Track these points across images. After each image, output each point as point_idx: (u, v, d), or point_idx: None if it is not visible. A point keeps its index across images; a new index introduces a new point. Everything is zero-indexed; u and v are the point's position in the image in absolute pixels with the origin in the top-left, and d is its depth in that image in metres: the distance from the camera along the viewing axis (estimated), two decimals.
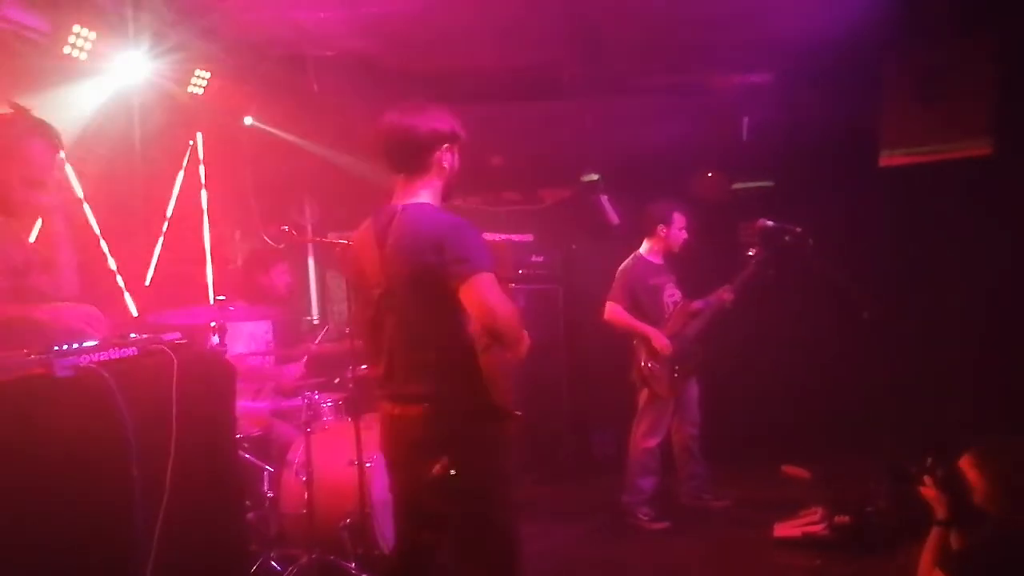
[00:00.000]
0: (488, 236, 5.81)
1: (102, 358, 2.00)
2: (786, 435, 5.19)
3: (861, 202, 5.01)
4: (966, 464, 2.47)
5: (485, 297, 2.12)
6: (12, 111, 2.59)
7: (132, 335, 2.24)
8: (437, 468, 2.18)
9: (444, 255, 2.14)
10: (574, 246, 6.18)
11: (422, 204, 2.30)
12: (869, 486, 4.11)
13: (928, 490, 2.53)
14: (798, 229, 4.29)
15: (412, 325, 2.23)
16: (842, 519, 3.91)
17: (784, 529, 4.06)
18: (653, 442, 4.50)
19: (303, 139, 5.43)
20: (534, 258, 5.84)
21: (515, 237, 5.73)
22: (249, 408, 3.91)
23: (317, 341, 4.25)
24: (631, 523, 4.47)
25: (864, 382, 4.83)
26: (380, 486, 3.25)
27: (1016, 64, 4.40)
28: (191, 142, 5.19)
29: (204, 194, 5.27)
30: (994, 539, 2.35)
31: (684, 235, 4.61)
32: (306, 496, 3.42)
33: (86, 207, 4.16)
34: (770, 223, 4.38)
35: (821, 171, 5.26)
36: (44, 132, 2.46)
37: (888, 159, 4.99)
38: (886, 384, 4.77)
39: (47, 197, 2.49)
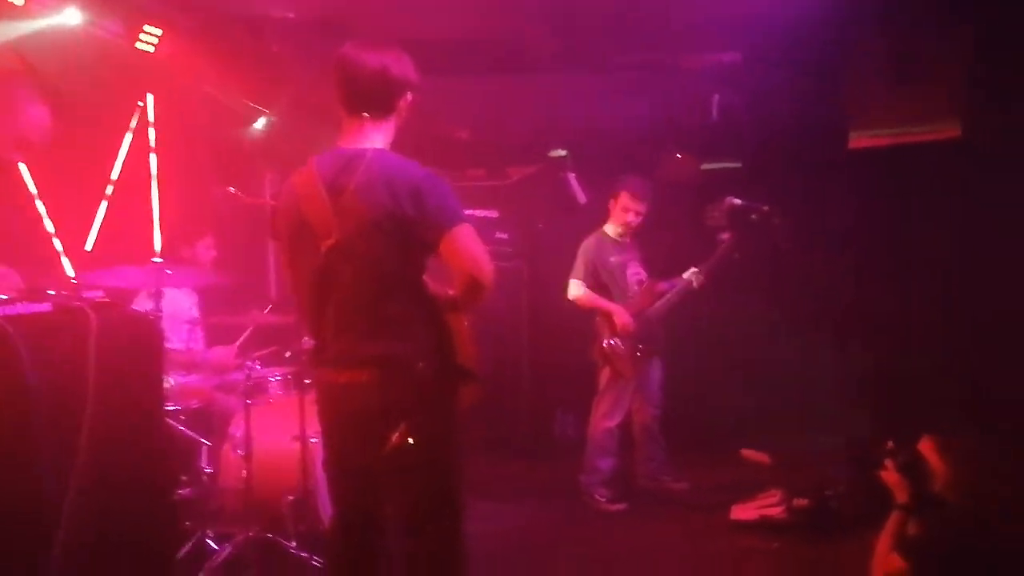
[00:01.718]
0: None
1: (7, 312, 1.83)
2: (747, 418, 5.16)
3: (830, 184, 4.96)
4: (927, 449, 2.42)
5: (470, 248, 2.02)
6: (12, 63, 2.40)
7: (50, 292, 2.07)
8: (395, 437, 2.03)
9: (423, 205, 2.01)
10: (540, 224, 6.07)
11: (386, 151, 2.16)
12: (828, 470, 4.09)
13: (889, 474, 2.47)
14: (765, 208, 4.25)
15: (374, 278, 2.06)
16: (800, 502, 3.87)
17: (742, 512, 4.01)
18: (613, 422, 4.42)
19: (262, 105, 5.22)
20: (498, 235, 5.72)
21: (479, 212, 5.59)
22: (188, 380, 3.74)
23: (267, 311, 4.07)
24: (587, 504, 4.39)
25: (828, 364, 4.79)
26: None
27: (986, 45, 4.35)
28: (140, 103, 4.99)
29: (153, 158, 5.06)
30: (952, 526, 2.30)
31: (635, 209, 4.44)
32: (244, 472, 3.26)
33: (22, 167, 3.95)
34: (737, 201, 4.33)
35: (790, 153, 5.21)
36: (40, 91, 2.28)
37: (857, 141, 4.94)
38: (850, 367, 4.74)
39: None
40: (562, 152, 5.48)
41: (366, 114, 2.15)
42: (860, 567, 2.48)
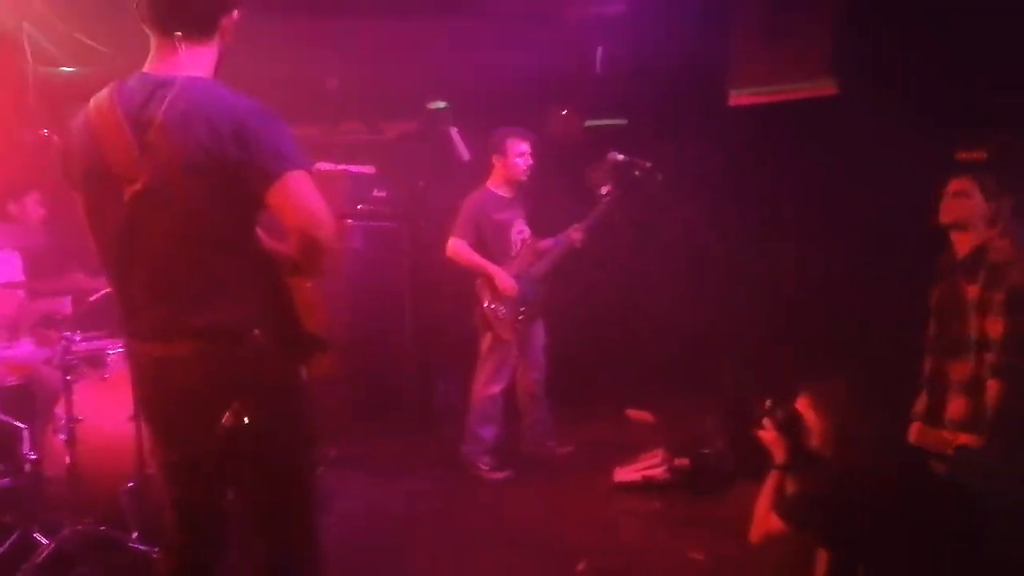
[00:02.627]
0: (322, 166, 5.34)
1: None
2: (630, 377, 5.13)
3: (711, 141, 4.92)
4: (803, 405, 2.37)
5: (304, 199, 1.67)
6: None
7: None
8: (227, 417, 1.73)
9: (250, 147, 1.66)
10: (421, 183, 5.76)
11: (207, 80, 1.80)
12: (706, 428, 4.08)
13: (767, 433, 2.41)
14: (648, 164, 4.16)
15: (193, 232, 1.72)
16: (681, 461, 3.86)
17: (624, 473, 3.97)
18: (496, 388, 4.26)
19: (97, 41, 4.61)
20: (376, 193, 5.38)
21: (353, 168, 5.24)
22: (5, 354, 3.26)
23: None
24: (471, 474, 4.23)
25: (709, 322, 4.80)
26: None
27: (858, 1, 4.38)
28: None
29: None
30: (829, 483, 2.26)
31: (525, 162, 4.30)
32: (68, 458, 2.88)
33: None
34: (620, 156, 4.21)
35: (674, 109, 5.13)
36: None
37: (736, 98, 4.92)
38: (730, 324, 4.75)
39: None
40: (442, 104, 5.17)
41: (179, 33, 1.78)
42: (739, 526, 2.43)
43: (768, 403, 2.46)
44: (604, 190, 4.26)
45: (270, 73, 5.24)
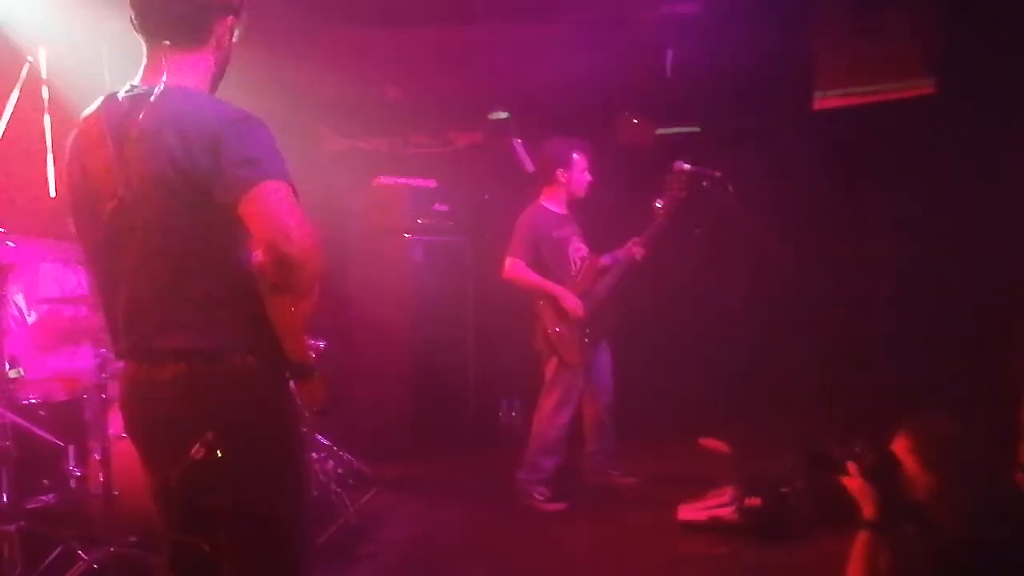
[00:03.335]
0: (382, 180, 5.26)
1: None
2: (702, 404, 4.76)
3: (794, 148, 4.54)
4: (901, 448, 1.92)
5: (276, 211, 1.53)
6: None
7: None
8: (197, 448, 1.61)
9: (222, 157, 1.54)
10: (486, 196, 5.61)
11: (188, 89, 1.68)
12: (786, 464, 3.69)
13: (854, 481, 1.97)
14: (717, 174, 3.86)
15: (168, 250, 1.63)
16: (753, 501, 3.48)
17: (689, 512, 3.63)
18: (564, 418, 4.01)
19: None
20: (437, 206, 5.25)
21: (413, 182, 5.13)
22: (59, 368, 3.28)
23: None
24: (524, 503, 3.99)
25: (788, 345, 4.40)
26: None
27: None
28: (30, 58, 4.47)
29: (47, 119, 4.56)
30: (935, 553, 1.82)
31: (587, 177, 4.10)
32: (101, 476, 2.84)
33: None
34: (687, 166, 3.92)
35: (751, 115, 4.78)
36: None
37: (823, 101, 4.52)
38: (813, 347, 4.34)
39: None
40: (504, 115, 4.99)
41: (167, 42, 1.68)
42: None
43: (856, 444, 2.04)
44: (659, 203, 3.97)
45: (334, 86, 5.28)
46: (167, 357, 1.64)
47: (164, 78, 1.66)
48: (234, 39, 1.79)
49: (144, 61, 1.73)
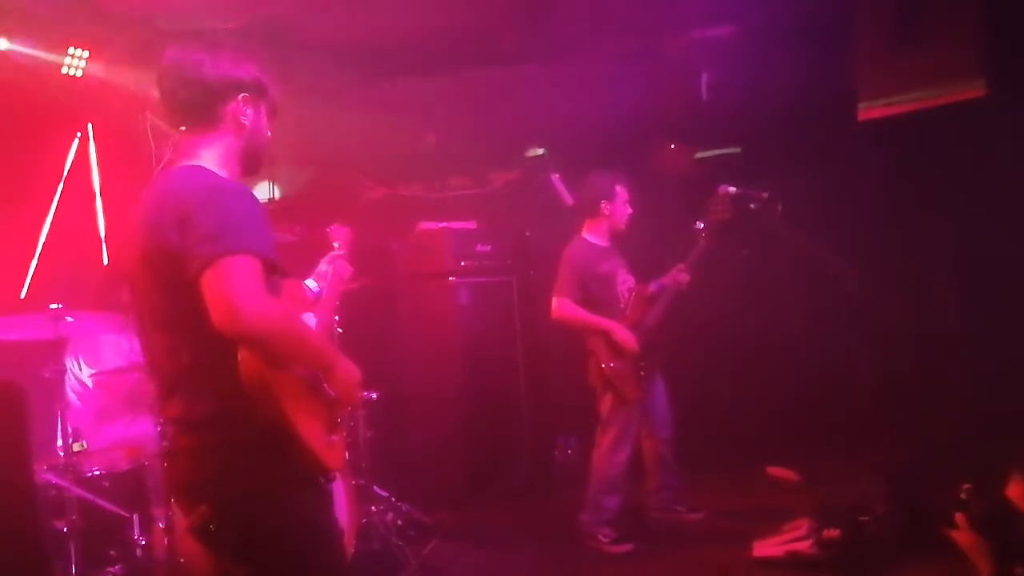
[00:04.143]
0: (423, 226, 5.28)
1: None
2: (766, 432, 4.59)
3: (840, 163, 4.42)
4: (1017, 493, 1.74)
5: (228, 290, 1.52)
6: None
7: None
8: (192, 519, 1.66)
9: (187, 232, 1.57)
10: (528, 233, 5.58)
11: (192, 167, 1.73)
12: (863, 490, 3.53)
13: (963, 535, 1.80)
14: (764, 194, 3.77)
15: (158, 323, 1.72)
16: (831, 533, 3.31)
17: (765, 547, 3.47)
18: (623, 455, 3.89)
19: None
20: (479, 247, 5.24)
21: (455, 225, 5.13)
22: (121, 436, 3.30)
23: None
24: (589, 546, 3.86)
25: (851, 368, 4.23)
26: None
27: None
28: (79, 134, 4.63)
29: (99, 201, 4.71)
30: None
31: (629, 209, 4.04)
32: (166, 541, 2.86)
33: None
34: (733, 189, 3.84)
35: (793, 132, 4.68)
36: None
37: (867, 112, 4.40)
38: (877, 370, 4.16)
39: None
40: (540, 151, 4.99)
41: (183, 128, 1.77)
42: None
43: (964, 491, 1.84)
44: (700, 225, 3.89)
45: (371, 136, 5.35)
46: (172, 426, 1.74)
47: (179, 160, 1.76)
48: (263, 114, 1.82)
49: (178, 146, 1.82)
